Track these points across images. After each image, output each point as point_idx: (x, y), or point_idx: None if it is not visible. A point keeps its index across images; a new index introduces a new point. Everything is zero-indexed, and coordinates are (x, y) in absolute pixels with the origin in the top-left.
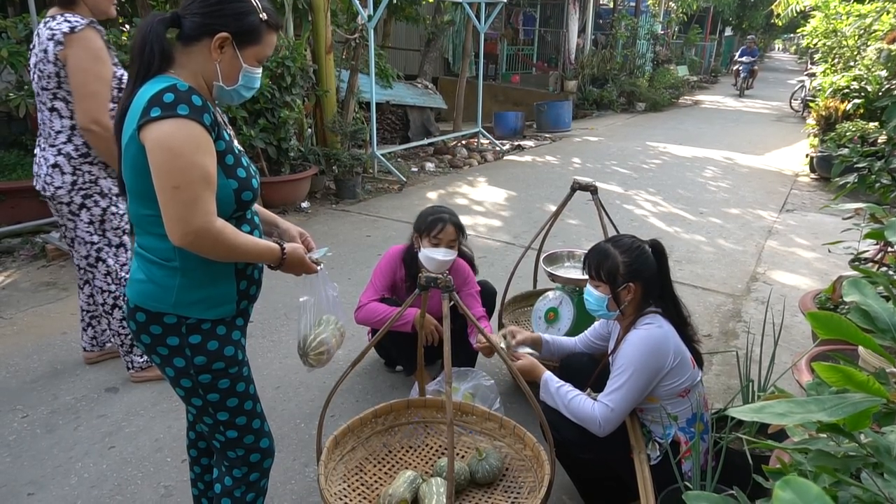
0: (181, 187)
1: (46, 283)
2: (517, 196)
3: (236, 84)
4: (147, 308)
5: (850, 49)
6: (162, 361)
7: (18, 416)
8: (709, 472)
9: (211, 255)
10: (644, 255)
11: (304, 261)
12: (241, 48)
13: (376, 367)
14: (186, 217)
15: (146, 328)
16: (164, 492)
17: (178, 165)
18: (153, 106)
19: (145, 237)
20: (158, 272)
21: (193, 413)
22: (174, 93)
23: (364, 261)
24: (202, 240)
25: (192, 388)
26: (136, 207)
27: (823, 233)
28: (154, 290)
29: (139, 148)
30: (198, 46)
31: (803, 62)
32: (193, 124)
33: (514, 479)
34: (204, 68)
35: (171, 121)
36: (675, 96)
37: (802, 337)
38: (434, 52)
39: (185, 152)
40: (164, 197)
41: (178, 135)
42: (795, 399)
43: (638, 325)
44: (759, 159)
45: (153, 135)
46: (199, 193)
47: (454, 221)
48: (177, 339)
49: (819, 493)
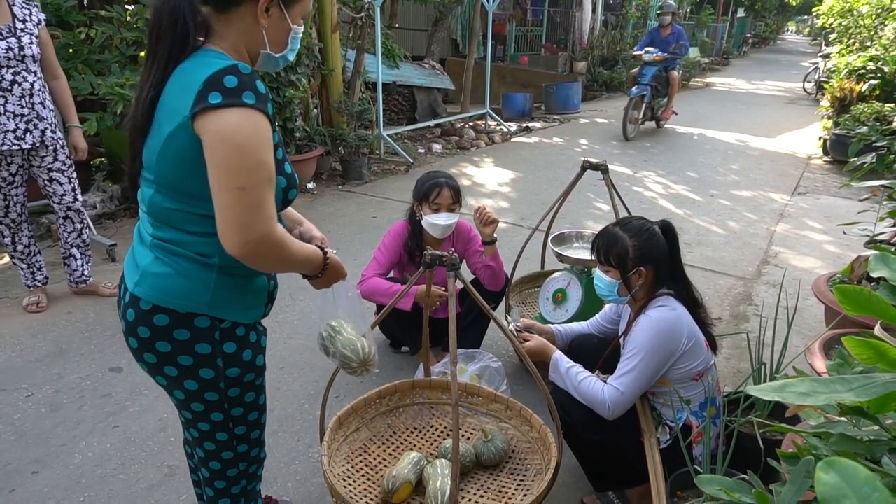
0: (247, 189)
1: (52, 263)
2: (525, 177)
3: (285, 49)
4: (173, 308)
5: (866, 28)
6: (180, 374)
7: (23, 395)
8: (719, 457)
9: (263, 266)
10: (654, 237)
11: (341, 268)
12: (288, 6)
13: (381, 347)
14: (250, 222)
15: (167, 333)
16: (167, 471)
17: (246, 164)
18: (212, 90)
19: (170, 231)
20: (190, 266)
21: (204, 430)
22: (237, 76)
23: (370, 242)
24: (262, 248)
25: (217, 402)
26: (164, 201)
27: (836, 216)
28: (185, 286)
29: (191, 139)
30: (238, 12)
31: (817, 44)
32: (260, 116)
33: (521, 462)
34: (248, 37)
35: (237, 111)
36: (686, 78)
37: (814, 321)
38: (441, 32)
39: (253, 149)
40: (227, 198)
41: (246, 128)
42: (820, 378)
43: (650, 308)
44: (771, 142)
45: (215, 126)
46: (264, 196)
47: (451, 185)
48: (208, 346)
49: (869, 477)
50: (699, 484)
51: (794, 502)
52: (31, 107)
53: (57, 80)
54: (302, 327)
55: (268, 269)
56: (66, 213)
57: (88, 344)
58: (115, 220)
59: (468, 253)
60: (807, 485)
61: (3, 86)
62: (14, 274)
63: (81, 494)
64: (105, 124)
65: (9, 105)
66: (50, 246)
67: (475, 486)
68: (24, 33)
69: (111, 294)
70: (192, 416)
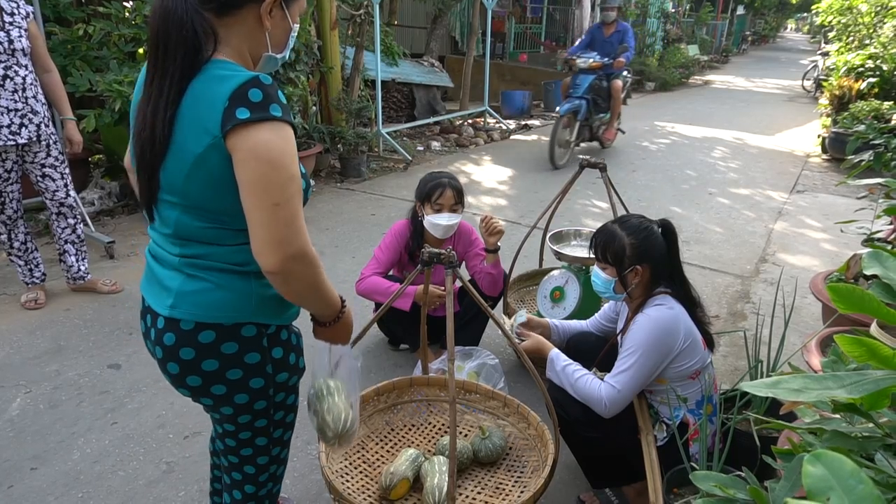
0: (281, 204)
1: (49, 260)
2: (523, 175)
3: (286, 50)
4: (219, 322)
5: (865, 26)
6: (230, 390)
7: (22, 392)
8: (716, 454)
9: (296, 286)
10: (652, 236)
11: (351, 327)
12: (289, 5)
13: (380, 345)
14: (288, 237)
15: (215, 349)
16: (165, 468)
17: (280, 180)
18: (238, 105)
19: (200, 247)
20: (228, 277)
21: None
22: (261, 88)
23: (368, 239)
24: (299, 264)
25: (265, 409)
26: (194, 220)
27: (834, 214)
28: (230, 297)
29: (223, 159)
30: (239, 15)
31: (816, 42)
32: (287, 127)
33: (518, 458)
34: (251, 40)
35: (267, 126)
36: (685, 76)
37: (812, 319)
38: (441, 29)
39: (285, 163)
40: (261, 216)
41: (278, 142)
42: (813, 375)
43: (648, 306)
44: (770, 140)
45: (247, 143)
46: (297, 209)
47: (453, 185)
48: (258, 354)
49: (854, 469)
50: (695, 481)
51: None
52: (25, 101)
53: (48, 73)
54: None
55: (298, 293)
56: (59, 209)
57: (87, 341)
58: (114, 217)
59: (468, 255)
60: (801, 481)
61: None
62: (11, 271)
63: (80, 491)
64: (103, 121)
65: (1, 100)
66: (48, 243)
67: (472, 482)
68: (13, 27)
69: (110, 291)
70: (234, 428)
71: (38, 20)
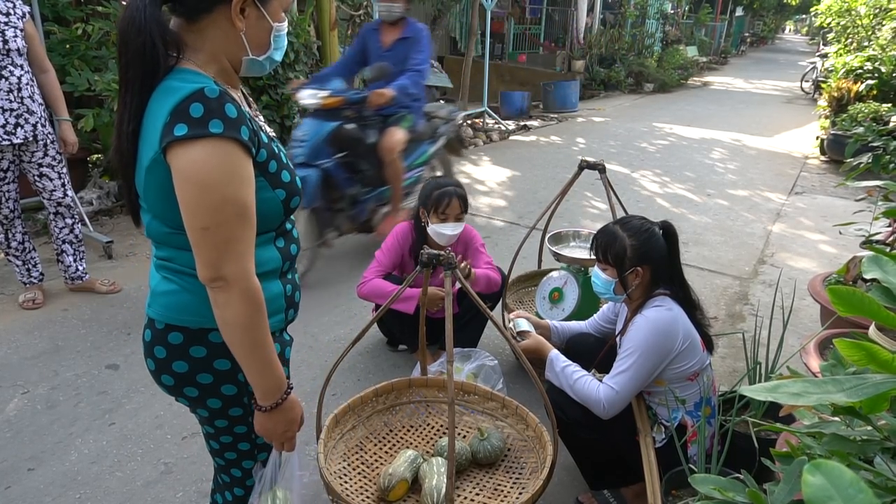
0: (211, 228)
1: (47, 260)
2: (522, 176)
3: (270, 50)
4: (185, 325)
5: (864, 28)
6: (202, 394)
7: (19, 393)
8: (714, 456)
9: (227, 314)
10: (653, 238)
11: (297, 413)
12: (265, 3)
13: (378, 346)
14: (216, 262)
15: (184, 352)
16: (163, 468)
17: (209, 203)
18: (178, 122)
19: (170, 250)
20: (194, 281)
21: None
22: (202, 102)
23: (366, 240)
24: (226, 293)
25: (241, 416)
26: (160, 226)
27: (833, 216)
28: (194, 302)
29: (166, 172)
30: (210, 19)
31: (815, 43)
32: (228, 145)
33: (516, 460)
34: (225, 45)
35: (202, 144)
36: (684, 77)
37: (810, 320)
38: (440, 30)
39: (217, 186)
40: (194, 237)
41: (210, 163)
42: (812, 379)
43: (647, 307)
44: (768, 141)
45: (178, 163)
46: (232, 234)
47: (459, 194)
48: (227, 361)
49: (853, 479)
50: (694, 483)
51: (787, 501)
52: (21, 101)
53: (45, 73)
54: (298, 325)
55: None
56: (57, 208)
57: (85, 341)
58: (112, 217)
59: (469, 252)
60: (800, 484)
61: None
62: (9, 270)
63: (77, 491)
64: (102, 120)
65: None
66: (46, 242)
67: (471, 484)
68: (8, 27)
69: (108, 291)
70: (214, 431)
71: (36, 20)
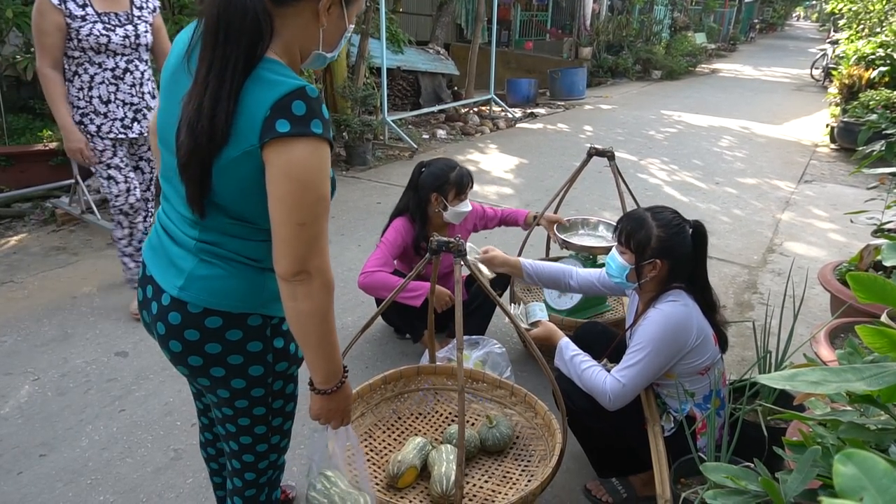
0: (307, 224)
1: (56, 248)
2: (529, 164)
3: (336, 50)
4: (227, 310)
5: (876, 14)
6: (228, 374)
7: (30, 380)
8: (724, 445)
9: (304, 305)
10: (681, 234)
11: (350, 400)
12: (348, 6)
13: (386, 334)
14: (305, 256)
15: (220, 335)
16: (173, 455)
17: (308, 200)
18: (280, 117)
19: (220, 237)
20: (243, 269)
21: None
22: (305, 101)
23: (374, 227)
24: (310, 284)
25: (263, 397)
26: (219, 215)
27: (843, 204)
28: (241, 287)
29: (256, 167)
30: (296, 9)
31: (825, 30)
32: (325, 147)
33: (525, 448)
34: (304, 35)
35: (305, 142)
36: (692, 64)
37: (819, 309)
38: (446, 17)
39: (315, 184)
40: (285, 232)
41: (311, 162)
42: (830, 367)
43: (661, 301)
44: (778, 129)
45: (282, 159)
46: (321, 230)
47: (469, 172)
48: (260, 343)
49: (887, 469)
50: (705, 471)
51: (800, 490)
52: (141, 96)
53: None
54: None
55: (303, 315)
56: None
57: (94, 329)
58: None
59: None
60: (813, 473)
61: (117, 73)
62: (18, 258)
63: (88, 477)
64: None
65: (119, 93)
66: (55, 230)
67: (480, 471)
68: (141, 21)
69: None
70: (232, 413)
71: None
